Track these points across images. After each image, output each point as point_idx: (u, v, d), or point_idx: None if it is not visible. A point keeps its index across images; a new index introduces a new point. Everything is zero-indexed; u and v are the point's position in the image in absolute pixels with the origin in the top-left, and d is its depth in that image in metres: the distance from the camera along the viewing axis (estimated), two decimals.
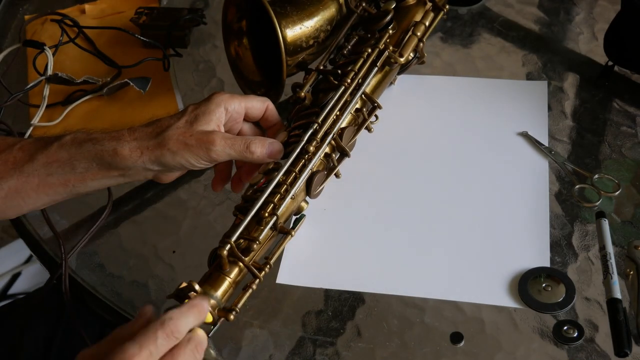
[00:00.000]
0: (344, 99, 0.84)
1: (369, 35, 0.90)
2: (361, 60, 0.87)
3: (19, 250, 1.75)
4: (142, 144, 0.75)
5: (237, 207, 0.77)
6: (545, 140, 0.91)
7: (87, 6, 1.11)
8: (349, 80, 0.85)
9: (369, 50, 0.87)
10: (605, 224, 0.82)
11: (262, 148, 0.78)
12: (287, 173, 0.78)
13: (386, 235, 0.84)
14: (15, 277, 1.75)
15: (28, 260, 1.75)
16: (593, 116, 0.94)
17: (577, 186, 0.86)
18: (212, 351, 0.71)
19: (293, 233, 0.77)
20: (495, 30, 1.06)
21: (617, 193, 0.86)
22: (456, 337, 0.76)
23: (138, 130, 0.76)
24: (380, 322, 0.78)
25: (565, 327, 0.75)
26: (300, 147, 0.79)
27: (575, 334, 0.75)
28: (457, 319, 0.77)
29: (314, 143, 0.80)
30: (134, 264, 0.85)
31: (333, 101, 0.83)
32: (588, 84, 0.98)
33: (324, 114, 0.82)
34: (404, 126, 0.95)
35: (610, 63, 0.97)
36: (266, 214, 0.76)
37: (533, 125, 0.93)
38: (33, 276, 1.75)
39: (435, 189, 0.88)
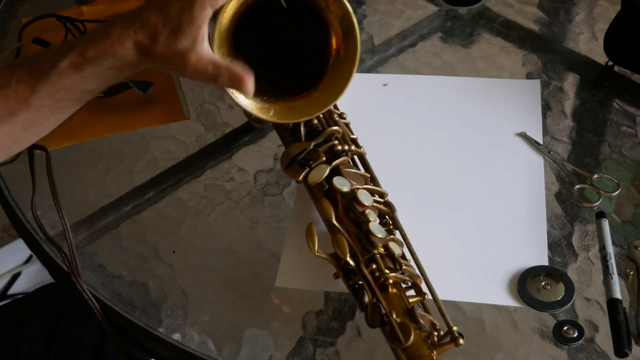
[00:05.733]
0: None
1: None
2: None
3: (19, 250, 1.76)
4: (156, 64, 0.75)
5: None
6: (540, 138, 0.91)
7: (84, 8, 1.11)
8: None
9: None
10: (605, 224, 0.82)
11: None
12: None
13: None
14: (15, 277, 1.75)
15: (28, 260, 1.75)
16: (593, 116, 0.94)
17: (577, 186, 0.86)
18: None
19: None
20: (495, 30, 1.06)
21: (617, 193, 0.86)
22: None
23: (149, 52, 0.73)
24: None
25: (565, 327, 0.75)
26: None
27: (575, 334, 0.75)
28: (457, 319, 0.77)
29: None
30: (134, 264, 0.85)
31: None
32: (588, 84, 0.98)
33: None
34: (400, 127, 0.95)
35: (610, 63, 0.97)
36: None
37: (527, 123, 0.93)
38: (33, 276, 1.75)
39: (433, 189, 0.88)
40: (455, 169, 0.90)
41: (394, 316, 0.68)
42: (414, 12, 1.10)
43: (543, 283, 0.78)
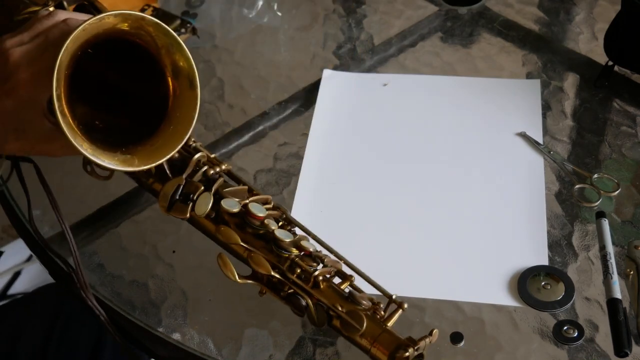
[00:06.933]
0: None
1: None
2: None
3: (19, 250, 1.76)
4: None
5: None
6: (540, 138, 0.91)
7: None
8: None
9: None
10: (605, 224, 0.82)
11: None
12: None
13: (384, 236, 0.84)
14: (15, 276, 1.75)
15: (28, 259, 1.76)
16: (593, 116, 0.94)
17: (577, 186, 0.86)
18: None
19: None
20: (495, 30, 1.06)
21: (617, 193, 0.86)
22: (456, 337, 0.76)
23: None
24: None
25: (565, 327, 0.75)
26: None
27: (575, 334, 0.75)
28: (457, 319, 0.77)
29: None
30: (134, 264, 0.85)
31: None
32: (588, 84, 0.98)
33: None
34: (400, 126, 0.95)
35: (610, 63, 0.97)
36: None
37: (527, 123, 0.93)
38: (33, 276, 1.76)
39: (433, 189, 0.88)
40: (455, 168, 0.90)
41: (340, 308, 0.70)
42: (414, 12, 1.10)
43: (543, 283, 0.78)
